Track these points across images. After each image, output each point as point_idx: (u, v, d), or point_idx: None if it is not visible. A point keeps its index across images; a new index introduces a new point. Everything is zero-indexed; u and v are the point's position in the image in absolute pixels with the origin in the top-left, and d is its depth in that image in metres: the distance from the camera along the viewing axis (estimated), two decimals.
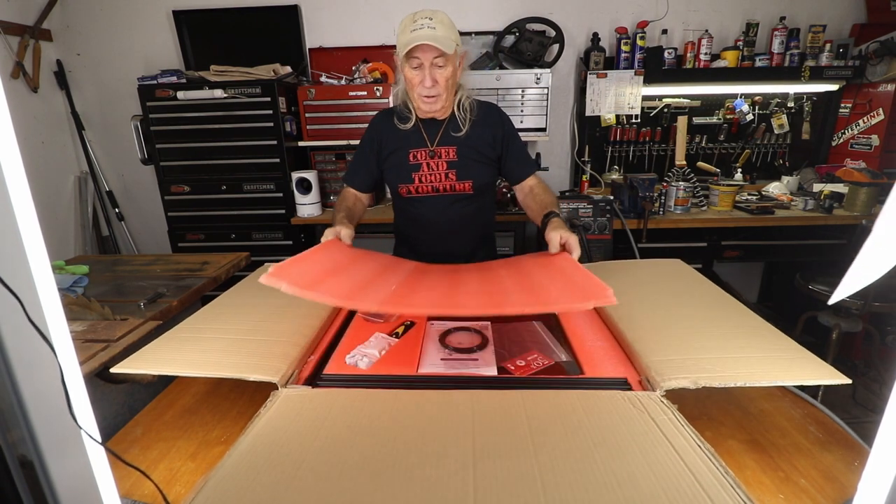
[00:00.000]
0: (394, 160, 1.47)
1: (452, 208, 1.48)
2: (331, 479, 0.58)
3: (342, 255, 1.08)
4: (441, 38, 1.26)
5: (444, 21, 1.29)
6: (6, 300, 0.36)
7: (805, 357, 0.78)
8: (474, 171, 1.45)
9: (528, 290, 0.77)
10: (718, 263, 2.66)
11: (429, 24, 1.26)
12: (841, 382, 0.71)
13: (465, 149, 1.44)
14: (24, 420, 0.38)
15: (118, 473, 0.50)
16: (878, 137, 2.58)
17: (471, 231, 1.54)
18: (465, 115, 1.43)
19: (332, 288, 0.80)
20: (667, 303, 1.05)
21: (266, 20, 2.82)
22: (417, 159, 1.45)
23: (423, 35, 1.24)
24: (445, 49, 1.26)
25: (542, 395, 0.75)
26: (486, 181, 1.50)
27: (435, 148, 1.44)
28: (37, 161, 2.80)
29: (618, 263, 1.39)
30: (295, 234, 2.66)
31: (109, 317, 1.16)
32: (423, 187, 1.46)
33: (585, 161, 2.87)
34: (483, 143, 1.45)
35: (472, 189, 1.46)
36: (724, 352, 0.81)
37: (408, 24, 1.29)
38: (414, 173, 1.44)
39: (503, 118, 1.49)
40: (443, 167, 1.44)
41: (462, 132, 1.42)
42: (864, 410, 2.36)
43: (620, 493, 0.55)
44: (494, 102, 1.59)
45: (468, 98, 1.44)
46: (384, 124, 1.48)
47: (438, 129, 1.44)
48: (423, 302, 0.73)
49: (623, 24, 2.71)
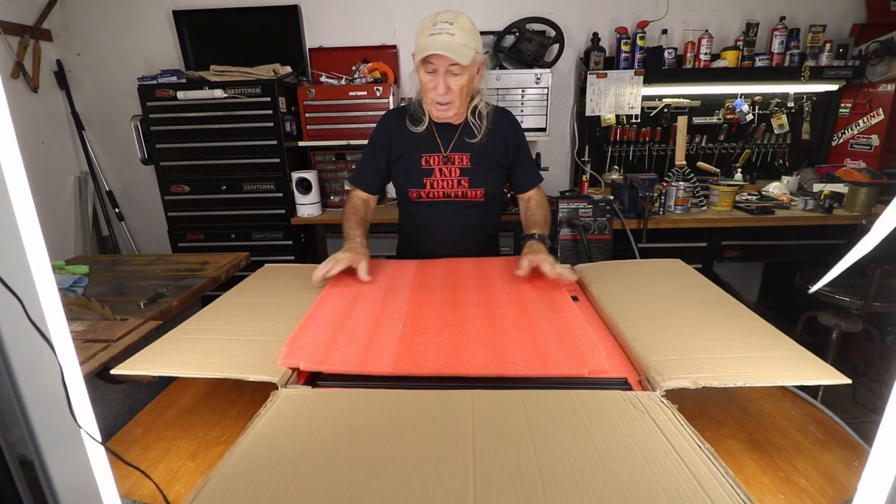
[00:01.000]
0: (405, 163, 1.44)
1: (460, 214, 1.47)
2: (331, 480, 0.58)
3: (343, 300, 1.10)
4: (458, 46, 1.22)
5: (466, 26, 1.24)
6: (6, 300, 0.36)
7: (805, 357, 0.78)
8: (487, 180, 1.43)
9: (533, 354, 0.87)
10: (718, 263, 2.66)
11: (448, 29, 1.22)
12: (841, 382, 0.71)
13: (479, 157, 1.42)
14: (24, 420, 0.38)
15: (118, 473, 0.50)
16: (878, 137, 2.58)
17: (476, 237, 1.53)
18: (481, 122, 1.40)
19: (346, 355, 0.87)
20: (667, 303, 1.05)
21: (266, 20, 2.82)
22: (430, 164, 1.42)
23: (440, 43, 1.21)
24: (461, 60, 1.23)
25: (542, 395, 0.75)
26: (498, 189, 1.49)
27: (449, 154, 1.42)
28: (37, 161, 2.80)
29: (617, 263, 1.39)
30: (295, 234, 2.66)
31: (109, 317, 1.16)
32: (435, 193, 1.44)
33: (585, 161, 2.88)
34: (497, 152, 1.44)
35: (484, 197, 1.45)
36: (725, 352, 0.81)
37: (428, 25, 1.25)
38: (426, 178, 1.42)
39: (516, 127, 1.48)
40: (456, 174, 1.42)
41: (477, 139, 1.40)
42: (864, 410, 2.36)
43: (620, 494, 0.55)
44: (497, 104, 1.57)
45: (486, 105, 1.41)
46: (395, 124, 1.45)
47: (453, 135, 1.42)
48: (431, 366, 0.84)
49: (623, 24, 2.72)
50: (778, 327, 0.89)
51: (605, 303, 1.09)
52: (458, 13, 1.25)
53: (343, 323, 0.99)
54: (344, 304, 1.08)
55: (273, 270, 1.37)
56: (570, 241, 2.12)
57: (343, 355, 0.87)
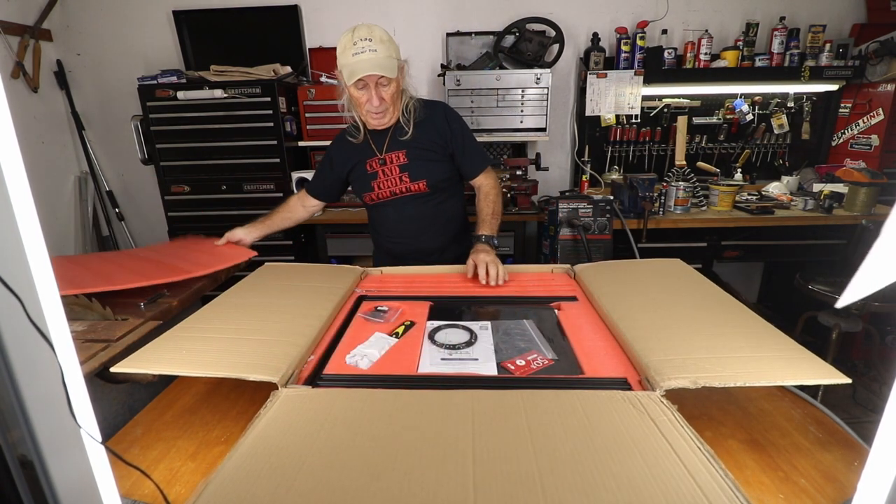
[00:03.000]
0: (355, 173, 1.57)
1: (412, 208, 1.55)
2: (331, 483, 0.58)
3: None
4: (383, 61, 1.32)
5: (384, 38, 1.34)
6: (6, 300, 0.36)
7: (805, 357, 0.78)
8: (426, 170, 1.51)
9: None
10: (718, 263, 2.66)
11: (369, 46, 1.31)
12: (841, 382, 0.71)
13: (413, 150, 1.50)
14: (24, 420, 0.38)
15: (118, 473, 0.50)
16: (878, 137, 2.58)
17: (436, 227, 1.59)
18: (409, 116, 1.48)
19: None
20: (667, 303, 1.05)
21: (266, 20, 2.82)
22: (373, 168, 1.53)
23: (366, 62, 1.30)
24: (389, 74, 1.33)
25: (542, 395, 0.75)
26: (441, 177, 1.54)
27: (385, 155, 1.51)
28: (37, 161, 2.80)
29: (617, 263, 1.39)
30: (295, 234, 2.66)
31: (109, 317, 1.16)
32: (383, 193, 1.54)
33: (585, 161, 2.87)
34: (430, 142, 1.51)
35: (428, 188, 1.52)
36: (724, 351, 0.81)
37: (347, 45, 1.33)
38: (373, 181, 1.53)
39: (449, 115, 1.54)
40: (395, 171, 1.51)
41: (407, 135, 1.48)
42: (864, 410, 2.36)
43: (619, 495, 0.55)
44: (443, 101, 1.71)
45: (412, 100, 1.50)
46: (337, 144, 1.60)
47: (385, 137, 1.51)
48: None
49: (623, 24, 2.71)
50: (778, 327, 0.89)
51: (604, 302, 1.09)
52: (370, 27, 1.34)
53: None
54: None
55: (272, 269, 1.39)
56: (570, 241, 2.12)
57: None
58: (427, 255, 1.59)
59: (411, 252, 1.59)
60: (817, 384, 0.69)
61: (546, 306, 1.18)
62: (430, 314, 1.13)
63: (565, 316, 1.12)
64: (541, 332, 1.03)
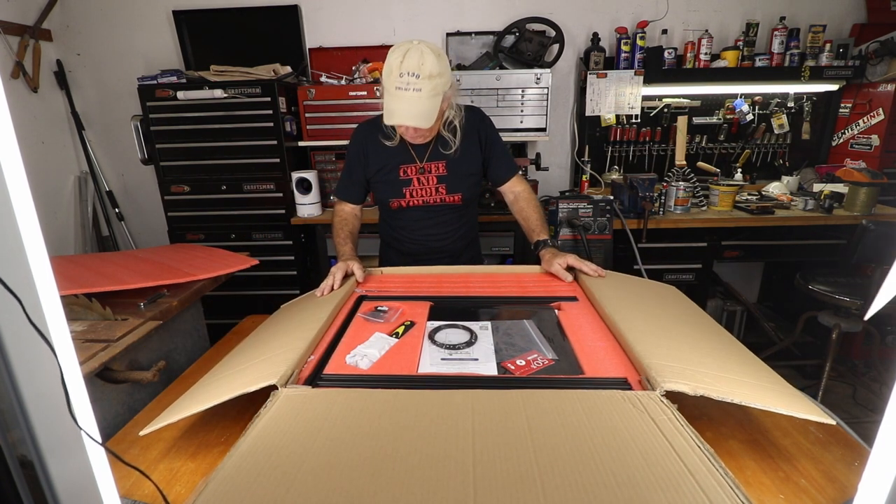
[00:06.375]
0: (383, 175, 1.48)
1: (440, 217, 1.52)
2: (331, 481, 0.58)
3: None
4: (425, 106, 1.21)
5: (433, 73, 1.19)
6: (6, 300, 0.36)
7: (795, 394, 0.77)
8: (464, 185, 1.49)
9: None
10: (718, 263, 2.66)
11: (414, 84, 1.18)
12: (827, 422, 0.71)
13: (454, 164, 1.47)
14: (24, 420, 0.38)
15: (118, 473, 0.50)
16: (878, 137, 2.57)
17: (457, 233, 1.58)
18: (455, 132, 1.44)
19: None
20: (664, 317, 1.05)
21: (266, 20, 2.82)
22: (408, 175, 1.47)
23: (405, 110, 1.21)
24: (424, 125, 1.24)
25: (542, 395, 0.75)
26: (475, 191, 1.55)
27: (425, 164, 1.46)
28: (37, 161, 2.80)
29: (615, 274, 1.37)
30: (295, 234, 2.65)
31: (109, 317, 1.16)
32: (415, 201, 1.49)
33: (585, 161, 2.87)
34: (472, 159, 1.49)
35: (462, 201, 1.50)
36: (721, 371, 0.80)
37: (394, 70, 1.20)
38: (405, 188, 1.48)
39: (486, 122, 1.52)
40: (433, 182, 1.47)
41: (451, 150, 1.44)
42: (864, 410, 2.36)
43: (620, 495, 0.55)
44: (473, 105, 1.58)
45: (458, 112, 1.43)
46: (369, 138, 1.48)
47: (427, 146, 1.46)
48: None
49: (623, 24, 2.71)
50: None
51: (605, 304, 1.09)
52: (423, 54, 1.19)
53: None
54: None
55: (286, 309, 1.31)
56: (570, 241, 2.12)
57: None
58: (441, 257, 1.57)
59: (424, 253, 1.57)
60: (807, 418, 0.69)
61: (546, 306, 1.18)
62: (430, 314, 1.13)
63: (565, 316, 1.12)
64: (541, 332, 1.03)
